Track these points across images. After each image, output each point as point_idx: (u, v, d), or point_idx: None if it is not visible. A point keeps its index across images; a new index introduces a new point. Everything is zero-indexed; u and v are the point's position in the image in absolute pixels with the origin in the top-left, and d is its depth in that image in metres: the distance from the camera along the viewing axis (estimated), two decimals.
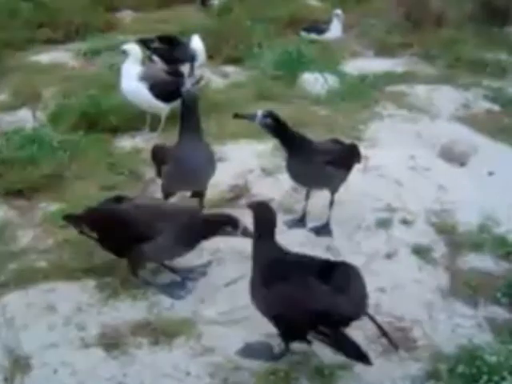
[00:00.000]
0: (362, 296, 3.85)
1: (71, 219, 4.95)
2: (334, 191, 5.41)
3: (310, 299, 3.77)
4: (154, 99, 7.01)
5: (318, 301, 3.76)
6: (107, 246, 4.73)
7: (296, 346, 4.06)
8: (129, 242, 4.53)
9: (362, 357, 3.75)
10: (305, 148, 5.16)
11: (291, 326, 3.87)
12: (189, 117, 5.18)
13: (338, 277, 3.85)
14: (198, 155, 5.18)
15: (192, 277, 4.83)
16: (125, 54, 7.10)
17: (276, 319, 3.90)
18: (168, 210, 4.66)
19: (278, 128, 5.10)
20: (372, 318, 3.97)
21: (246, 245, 4.34)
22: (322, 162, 5.13)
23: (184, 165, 5.14)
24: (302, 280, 3.83)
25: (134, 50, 7.13)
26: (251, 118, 5.13)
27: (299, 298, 3.78)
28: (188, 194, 5.66)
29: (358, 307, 3.82)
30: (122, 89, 7.12)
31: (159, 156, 5.42)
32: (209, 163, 5.31)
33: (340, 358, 3.96)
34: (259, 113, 5.10)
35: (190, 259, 4.87)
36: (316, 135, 6.60)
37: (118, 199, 4.81)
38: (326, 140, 5.57)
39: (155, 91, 6.99)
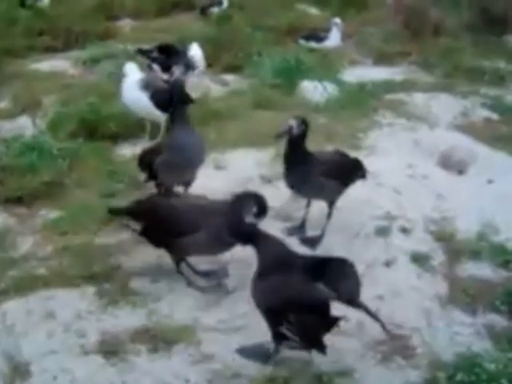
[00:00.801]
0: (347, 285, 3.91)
1: (116, 211, 5.16)
2: (330, 203, 5.42)
3: (285, 286, 3.87)
4: (154, 108, 7.02)
5: (292, 287, 3.86)
6: (150, 238, 4.84)
7: (295, 353, 4.08)
8: (172, 236, 4.62)
9: (318, 346, 3.83)
10: (302, 158, 5.17)
11: (272, 314, 3.93)
12: (178, 105, 5.26)
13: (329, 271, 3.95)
14: (192, 143, 5.31)
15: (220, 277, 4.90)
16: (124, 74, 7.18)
17: (260, 309, 3.99)
18: (211, 207, 4.69)
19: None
20: (362, 306, 4.02)
21: (247, 253, 4.36)
22: (315, 172, 5.14)
23: (180, 153, 5.29)
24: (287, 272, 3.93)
25: (132, 69, 7.19)
26: (288, 131, 5.11)
27: (277, 287, 3.89)
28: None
29: (333, 294, 3.88)
30: (123, 97, 7.14)
31: (146, 161, 5.59)
32: (201, 150, 5.45)
33: (339, 365, 3.98)
34: (293, 123, 5.09)
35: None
36: (315, 143, 6.63)
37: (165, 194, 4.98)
38: (329, 151, 5.59)
39: (156, 100, 7.00)
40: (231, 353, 4.17)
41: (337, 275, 3.96)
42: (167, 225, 4.67)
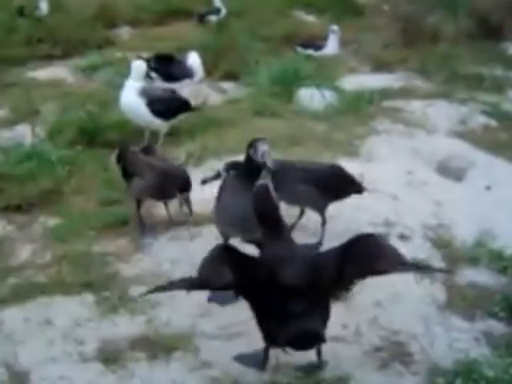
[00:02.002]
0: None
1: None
2: (318, 211, 5.42)
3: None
4: (151, 115, 7.03)
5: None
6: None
7: (294, 359, 4.08)
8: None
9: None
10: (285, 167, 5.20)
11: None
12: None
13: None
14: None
15: None
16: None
17: None
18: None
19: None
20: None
21: None
22: (294, 179, 5.16)
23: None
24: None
25: (139, 66, 7.18)
26: (216, 175, 5.22)
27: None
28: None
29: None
30: (121, 102, 7.15)
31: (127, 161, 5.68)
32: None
33: (337, 372, 3.99)
34: (221, 169, 5.18)
35: None
36: (313, 151, 6.68)
37: None
38: (324, 164, 5.60)
39: (153, 108, 7.01)
40: (230, 360, 4.17)
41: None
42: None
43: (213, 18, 12.99)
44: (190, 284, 3.77)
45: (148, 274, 5.06)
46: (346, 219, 5.68)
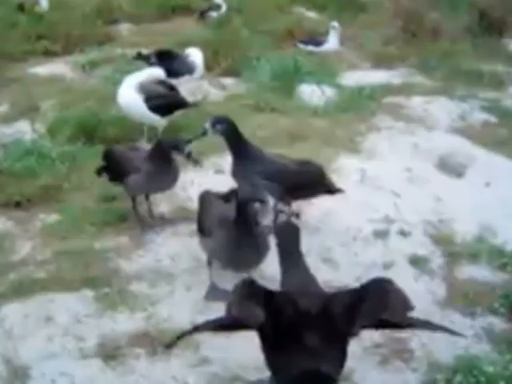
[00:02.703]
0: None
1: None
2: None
3: None
4: (148, 111, 7.00)
5: None
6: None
7: None
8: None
9: None
10: (248, 154, 5.25)
11: None
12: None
13: None
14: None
15: None
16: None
17: None
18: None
19: (230, 132, 5.25)
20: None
21: None
22: (252, 171, 5.16)
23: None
24: None
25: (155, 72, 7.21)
26: (202, 132, 5.29)
27: None
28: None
29: None
30: (119, 98, 7.14)
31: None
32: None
33: None
34: (207, 125, 5.23)
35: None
36: (313, 147, 6.67)
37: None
38: (296, 160, 5.50)
39: (150, 104, 6.99)
40: (230, 356, 4.18)
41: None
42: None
43: (213, 14, 12.98)
44: (219, 325, 3.60)
45: (148, 271, 5.06)
46: (346, 216, 5.68)
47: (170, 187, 5.61)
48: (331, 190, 5.48)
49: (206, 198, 4.98)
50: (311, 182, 5.38)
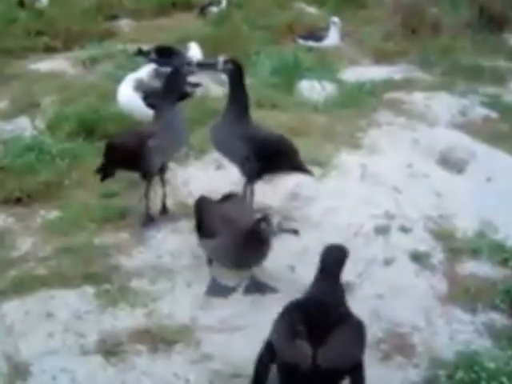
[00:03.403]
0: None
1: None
2: (242, 172, 5.45)
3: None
4: (147, 109, 6.98)
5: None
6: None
7: None
8: None
9: None
10: (239, 111, 5.34)
11: None
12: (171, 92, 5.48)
13: None
14: (182, 127, 5.50)
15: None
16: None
17: None
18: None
19: (236, 75, 5.33)
20: None
21: None
22: (235, 135, 5.21)
23: (172, 136, 5.42)
24: None
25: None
26: (213, 62, 5.46)
27: None
28: None
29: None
30: (118, 97, 7.13)
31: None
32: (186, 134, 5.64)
33: None
34: (220, 59, 5.36)
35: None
36: (314, 143, 6.66)
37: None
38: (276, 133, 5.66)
39: (149, 101, 6.97)
40: (232, 353, 4.17)
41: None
42: None
43: (213, 10, 12.96)
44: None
45: (148, 267, 5.05)
46: (347, 211, 5.68)
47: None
48: (302, 167, 5.56)
49: (203, 201, 5.02)
50: (285, 153, 5.47)
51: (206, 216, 4.84)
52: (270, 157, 5.33)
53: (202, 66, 5.58)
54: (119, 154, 5.57)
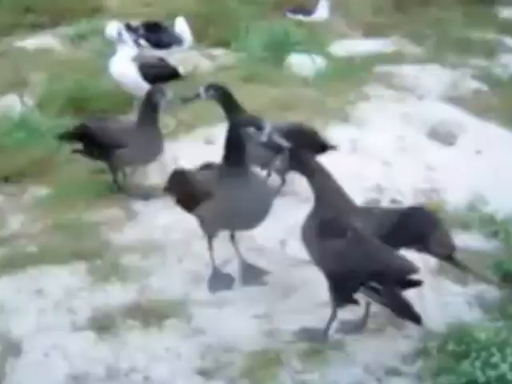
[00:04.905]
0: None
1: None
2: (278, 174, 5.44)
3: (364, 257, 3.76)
4: (141, 80, 6.95)
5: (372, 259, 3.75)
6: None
7: (286, 325, 4.10)
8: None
9: (413, 317, 3.73)
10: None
11: (343, 284, 3.82)
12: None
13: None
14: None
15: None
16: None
17: (329, 274, 3.87)
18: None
19: (223, 97, 5.43)
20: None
21: None
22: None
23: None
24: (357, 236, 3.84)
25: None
26: (196, 95, 5.48)
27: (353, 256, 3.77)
28: None
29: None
30: (111, 68, 7.08)
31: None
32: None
33: (332, 338, 4.00)
34: (201, 89, 5.41)
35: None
36: (304, 117, 6.64)
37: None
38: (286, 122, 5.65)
39: (144, 72, 6.95)
40: (223, 327, 4.18)
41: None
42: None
43: None
44: None
45: (140, 242, 5.06)
46: None
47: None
48: (324, 147, 5.53)
49: (181, 171, 4.81)
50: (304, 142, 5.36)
51: (190, 183, 4.56)
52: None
53: (186, 100, 5.67)
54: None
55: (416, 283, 3.80)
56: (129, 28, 8.49)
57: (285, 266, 4.77)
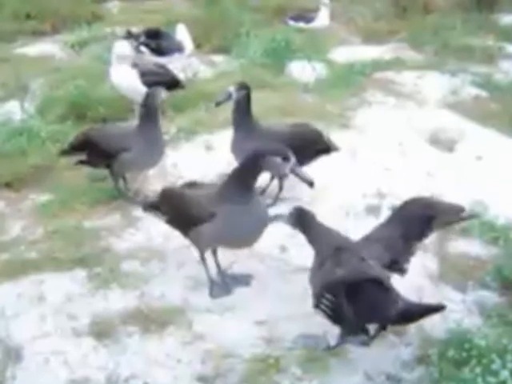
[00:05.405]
0: None
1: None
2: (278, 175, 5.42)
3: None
4: (142, 86, 6.95)
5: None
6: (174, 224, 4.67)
7: (286, 332, 4.10)
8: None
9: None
10: (246, 124, 5.39)
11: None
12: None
13: None
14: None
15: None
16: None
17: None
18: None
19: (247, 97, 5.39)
20: None
21: None
22: (255, 140, 5.08)
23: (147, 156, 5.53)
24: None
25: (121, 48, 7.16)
26: (227, 97, 5.39)
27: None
28: None
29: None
30: (112, 75, 7.09)
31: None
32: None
33: (334, 344, 4.00)
34: (232, 89, 5.35)
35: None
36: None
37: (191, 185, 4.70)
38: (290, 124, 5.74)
39: (145, 79, 6.96)
40: (223, 333, 4.18)
41: None
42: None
43: None
44: None
45: (140, 249, 5.06)
46: (338, 190, 5.67)
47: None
48: (328, 148, 5.59)
49: (174, 190, 4.72)
50: (310, 142, 5.49)
51: (187, 202, 4.46)
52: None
53: (218, 103, 5.55)
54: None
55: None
56: (129, 35, 8.53)
57: (284, 272, 4.77)
